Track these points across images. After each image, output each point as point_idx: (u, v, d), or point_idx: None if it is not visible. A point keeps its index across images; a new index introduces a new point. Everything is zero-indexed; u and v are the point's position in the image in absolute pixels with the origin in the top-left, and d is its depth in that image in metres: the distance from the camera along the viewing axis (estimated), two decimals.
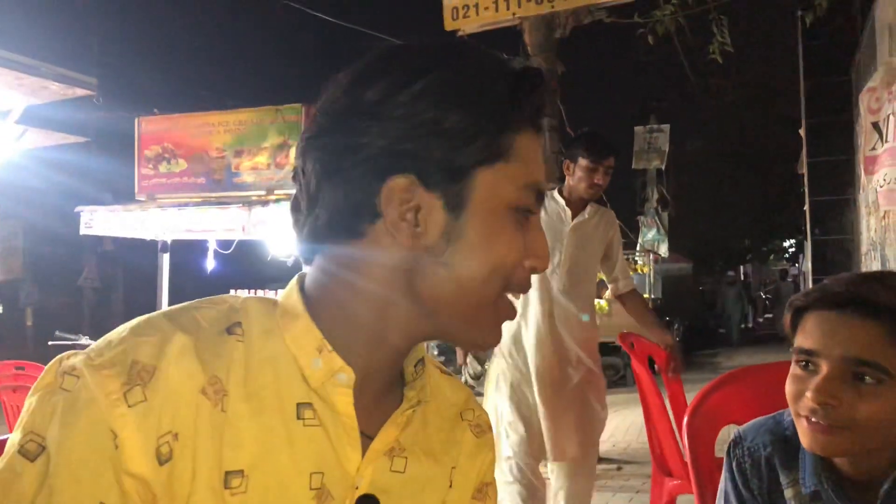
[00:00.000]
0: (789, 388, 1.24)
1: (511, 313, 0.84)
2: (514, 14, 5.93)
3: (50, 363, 0.75)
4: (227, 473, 0.74)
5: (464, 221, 0.78)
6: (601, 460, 6.18)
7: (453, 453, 0.93)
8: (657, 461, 3.57)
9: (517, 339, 3.49)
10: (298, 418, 0.79)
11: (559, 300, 3.50)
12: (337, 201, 0.79)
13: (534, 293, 3.43)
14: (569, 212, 3.52)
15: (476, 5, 6.04)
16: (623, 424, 7.77)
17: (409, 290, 0.80)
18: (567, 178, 3.52)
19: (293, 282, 0.86)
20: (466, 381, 3.74)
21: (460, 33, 5.96)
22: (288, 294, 0.85)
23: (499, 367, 3.55)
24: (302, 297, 0.83)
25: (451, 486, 0.92)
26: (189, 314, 0.79)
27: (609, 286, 3.96)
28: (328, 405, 0.80)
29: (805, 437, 1.21)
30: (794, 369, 1.23)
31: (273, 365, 0.79)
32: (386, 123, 0.77)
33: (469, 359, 3.91)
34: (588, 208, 3.56)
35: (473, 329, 0.82)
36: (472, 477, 0.95)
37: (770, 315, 19.74)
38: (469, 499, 0.95)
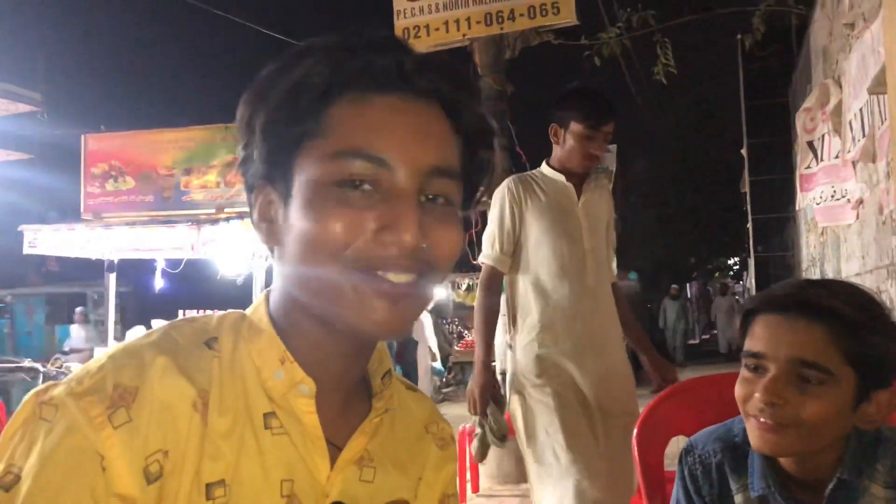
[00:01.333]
0: (739, 390, 1.28)
1: (390, 290, 0.76)
2: (464, 35, 6.00)
3: (26, 397, 0.74)
4: (209, 485, 0.75)
5: (291, 208, 0.78)
6: None
7: (419, 465, 0.95)
8: None
9: (547, 359, 2.68)
10: (266, 428, 0.80)
11: (595, 305, 2.72)
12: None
13: (561, 292, 2.70)
14: (571, 188, 2.75)
15: (427, 26, 6.10)
16: None
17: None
18: (554, 146, 2.79)
19: (261, 295, 0.88)
20: (484, 444, 2.82)
21: None
22: (255, 308, 0.86)
23: (524, 399, 2.71)
24: (268, 310, 0.85)
25: (416, 497, 0.93)
26: (165, 335, 0.80)
27: None
28: (292, 416, 0.81)
29: (753, 437, 1.26)
30: (744, 372, 1.27)
31: (242, 378, 0.81)
32: (246, 135, 0.82)
33: (490, 410, 2.74)
34: (590, 179, 2.79)
35: (343, 309, 0.77)
36: (436, 489, 0.97)
37: (715, 331, 19.99)
38: None
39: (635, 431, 1.83)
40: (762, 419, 1.23)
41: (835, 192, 4.84)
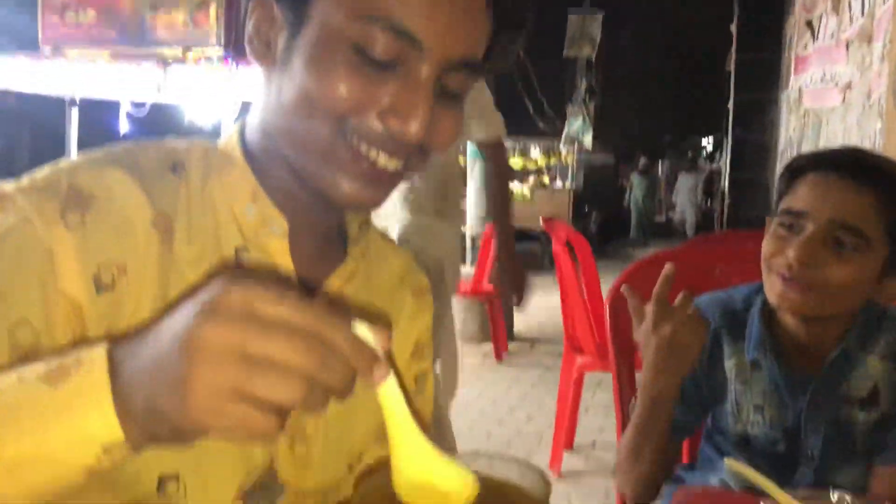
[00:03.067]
0: (769, 246, 1.26)
1: (373, 173, 0.73)
2: None
3: None
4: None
5: (298, 42, 0.72)
6: (514, 339, 6.37)
7: (394, 314, 0.92)
8: (570, 340, 3.68)
9: None
10: (238, 262, 0.77)
11: None
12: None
13: None
14: None
15: None
16: (537, 306, 7.95)
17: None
18: None
19: (235, 126, 0.83)
20: None
21: None
22: (228, 139, 0.81)
23: None
24: (241, 141, 0.80)
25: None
26: (128, 152, 0.75)
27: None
28: (265, 254, 0.78)
29: (774, 293, 1.25)
30: (777, 230, 1.25)
31: (212, 210, 0.77)
32: None
33: None
34: None
35: (320, 172, 0.74)
36: (411, 337, 0.95)
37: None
38: (407, 358, 0.95)
39: (608, 297, 1.81)
40: (789, 276, 1.21)
41: (824, 75, 4.73)
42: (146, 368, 0.51)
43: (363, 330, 0.52)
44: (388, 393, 0.55)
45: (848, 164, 1.21)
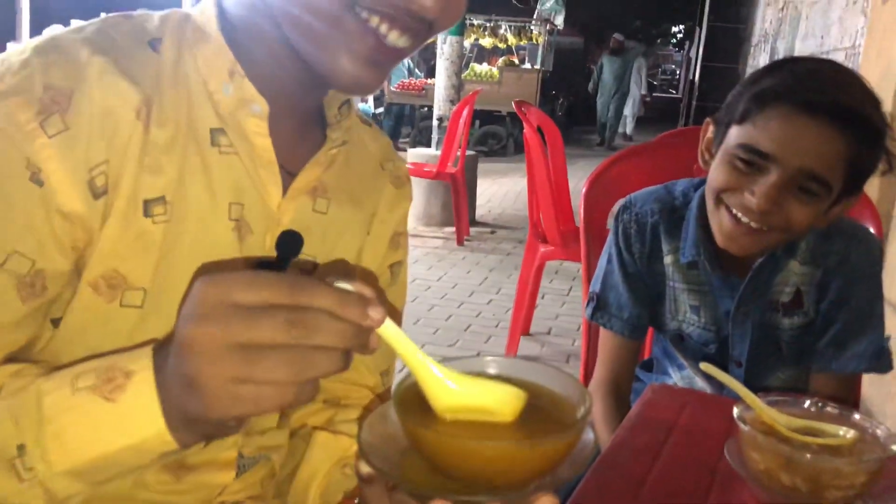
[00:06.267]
0: (720, 176, 1.18)
1: (380, 52, 0.68)
2: None
3: None
4: (147, 202, 0.68)
5: None
6: (476, 223, 6.38)
7: (374, 201, 0.90)
8: (534, 227, 3.67)
9: None
10: (213, 145, 0.72)
11: None
12: None
13: None
14: None
15: None
16: (500, 192, 7.96)
17: None
18: None
19: None
20: None
21: None
22: (202, 8, 0.74)
23: None
24: (217, 12, 0.73)
25: (368, 233, 0.90)
26: (101, 31, 0.68)
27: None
28: (242, 136, 0.73)
29: (723, 233, 1.20)
30: (733, 161, 1.16)
31: (186, 87, 0.71)
32: None
33: None
34: None
35: (322, 49, 0.68)
36: (389, 226, 0.93)
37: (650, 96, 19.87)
38: (384, 247, 0.93)
39: (584, 188, 1.78)
40: (745, 220, 1.15)
41: None
42: (169, 381, 0.54)
43: (343, 284, 0.51)
44: (391, 332, 0.54)
45: (827, 105, 1.09)
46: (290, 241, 0.76)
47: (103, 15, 0.72)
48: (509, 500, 0.56)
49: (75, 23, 0.70)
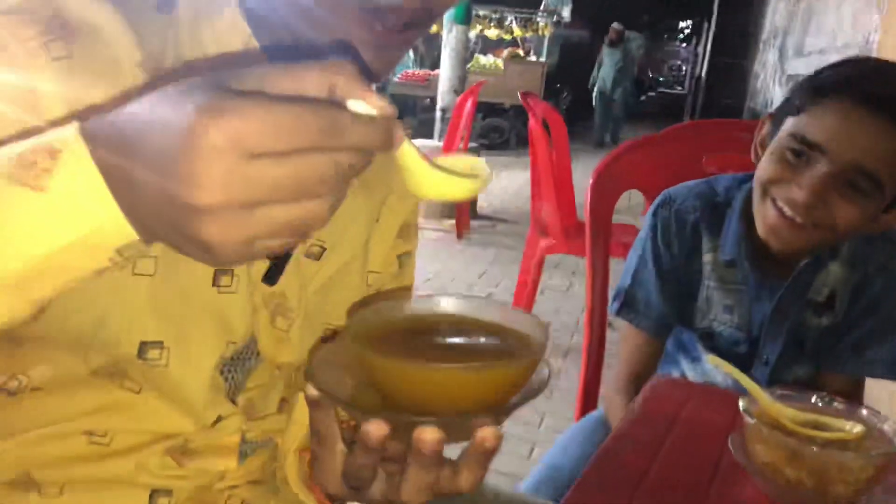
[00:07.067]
0: (769, 167, 1.16)
1: (383, 37, 0.65)
2: None
3: None
4: None
5: None
6: (477, 217, 6.36)
7: (385, 186, 0.87)
8: (535, 221, 3.65)
9: None
10: None
11: None
12: None
13: None
14: None
15: None
16: (501, 186, 7.95)
17: None
18: None
19: None
20: None
21: None
22: None
23: None
24: None
25: (377, 221, 0.87)
26: None
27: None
28: None
29: (767, 226, 1.17)
30: (782, 152, 1.14)
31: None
32: None
33: None
34: None
35: (323, 27, 0.65)
36: (399, 215, 0.90)
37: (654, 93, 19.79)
38: (393, 237, 0.90)
39: (591, 180, 1.76)
40: (790, 214, 1.13)
41: None
42: (140, 162, 0.44)
43: (362, 105, 0.47)
44: (406, 150, 0.52)
45: (888, 100, 1.05)
46: None
47: None
48: (450, 427, 0.55)
49: None
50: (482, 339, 0.62)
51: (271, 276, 0.75)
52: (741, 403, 0.87)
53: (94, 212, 0.46)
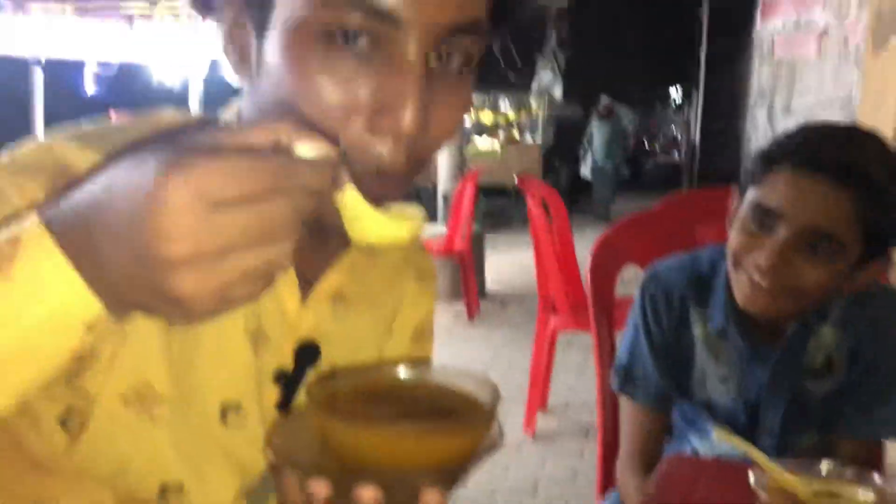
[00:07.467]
0: (737, 238, 1.19)
1: (378, 187, 0.62)
2: None
3: None
4: None
5: (267, 47, 0.64)
6: (486, 297, 6.36)
7: (395, 299, 0.88)
8: (543, 299, 3.65)
9: None
10: None
11: None
12: None
13: None
14: None
15: None
16: (508, 264, 7.97)
17: None
18: None
19: (234, 108, 0.75)
20: None
21: None
22: (228, 113, 0.75)
23: None
24: (238, 120, 0.73)
25: (390, 332, 0.87)
26: (121, 133, 0.67)
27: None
28: None
29: (742, 294, 1.19)
30: (746, 223, 1.17)
31: None
32: None
33: None
34: None
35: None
36: (412, 322, 0.90)
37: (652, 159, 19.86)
38: (407, 343, 0.90)
39: (590, 257, 1.78)
40: (757, 279, 1.15)
41: (799, 21, 4.68)
42: (105, 232, 0.46)
43: (306, 149, 0.50)
44: (350, 196, 0.55)
45: (831, 164, 1.10)
46: (307, 353, 0.75)
47: (114, 117, 0.72)
48: (392, 487, 0.56)
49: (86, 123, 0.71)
50: (431, 402, 0.64)
51: (284, 402, 0.75)
52: (751, 478, 0.86)
53: (59, 289, 0.47)
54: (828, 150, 1.12)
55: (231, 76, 0.71)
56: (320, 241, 0.77)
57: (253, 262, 0.46)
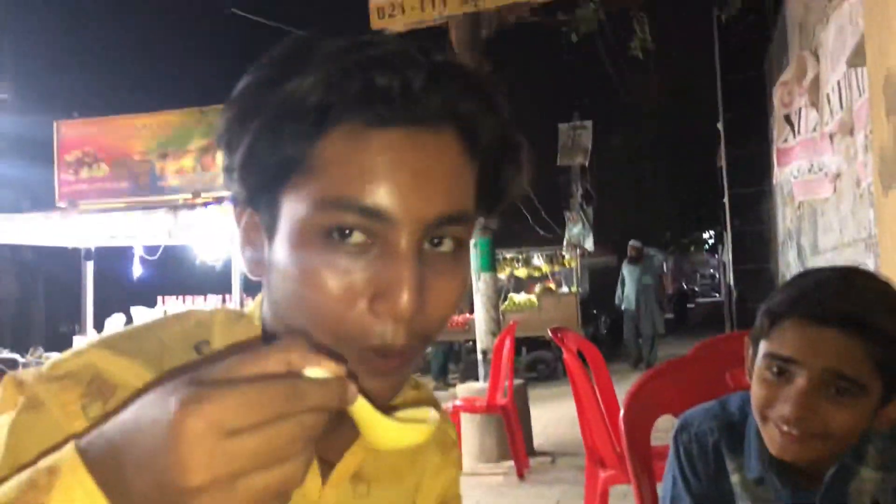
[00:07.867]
0: (758, 392, 1.21)
1: (383, 366, 0.68)
2: (439, 14, 5.95)
3: None
4: None
5: (275, 247, 0.69)
6: (535, 453, 6.25)
7: (418, 472, 0.90)
8: (590, 453, 3.62)
9: None
10: None
11: None
12: None
13: None
14: None
15: (401, 5, 6.03)
16: (555, 417, 7.86)
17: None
18: None
19: (257, 300, 0.81)
20: None
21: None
22: (252, 308, 0.80)
23: None
24: (261, 315, 0.78)
25: None
26: (152, 335, 0.74)
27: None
28: None
29: (774, 445, 1.21)
30: (765, 374, 1.20)
31: None
32: (227, 155, 0.72)
33: None
34: None
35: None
36: (434, 492, 0.93)
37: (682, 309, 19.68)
38: None
39: (623, 409, 1.83)
40: (786, 429, 1.17)
41: (812, 165, 4.87)
42: (133, 462, 0.50)
43: (316, 371, 0.54)
44: (360, 405, 0.59)
45: (836, 316, 1.13)
46: None
47: (152, 314, 0.79)
48: None
49: (135, 311, 0.77)
50: None
51: None
52: None
53: None
54: (831, 302, 1.16)
55: (248, 273, 0.77)
56: (339, 422, 0.77)
57: (265, 482, 0.49)
